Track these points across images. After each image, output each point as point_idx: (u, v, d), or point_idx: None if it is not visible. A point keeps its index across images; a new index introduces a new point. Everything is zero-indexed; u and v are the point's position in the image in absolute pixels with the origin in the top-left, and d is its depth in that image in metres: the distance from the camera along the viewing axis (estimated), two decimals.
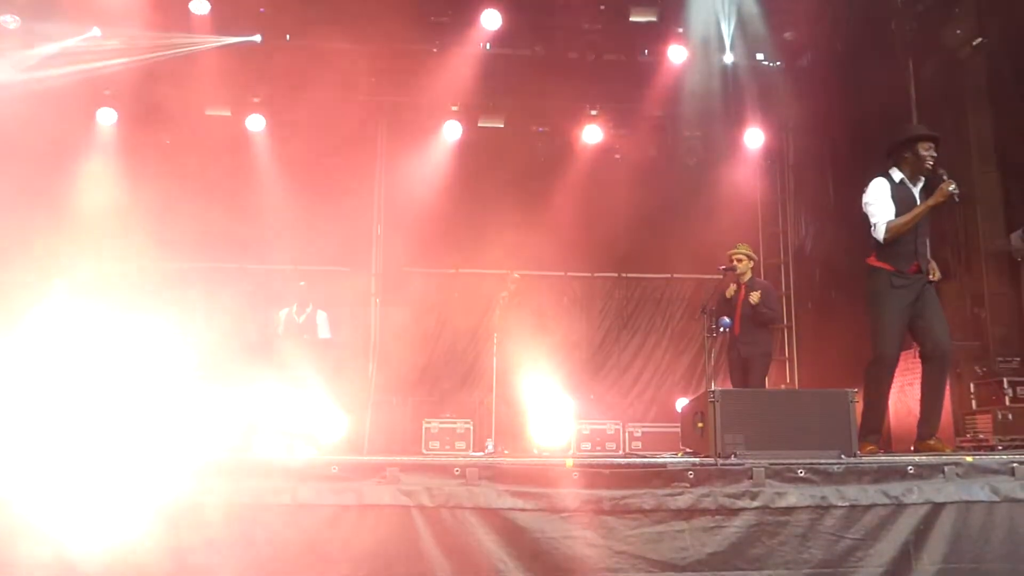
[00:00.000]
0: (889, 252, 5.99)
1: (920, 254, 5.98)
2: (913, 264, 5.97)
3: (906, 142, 6.09)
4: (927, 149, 5.99)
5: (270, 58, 10.90)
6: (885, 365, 6.02)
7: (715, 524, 4.44)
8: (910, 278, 5.96)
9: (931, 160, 5.97)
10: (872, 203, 6.00)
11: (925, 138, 6.03)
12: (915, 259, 5.97)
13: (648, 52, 11.14)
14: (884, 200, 5.98)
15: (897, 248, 5.97)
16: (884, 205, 5.96)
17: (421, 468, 4.54)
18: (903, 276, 5.95)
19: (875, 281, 6.04)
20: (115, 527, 4.30)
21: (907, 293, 5.94)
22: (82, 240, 11.07)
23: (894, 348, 6.02)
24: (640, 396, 12.22)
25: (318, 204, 11.37)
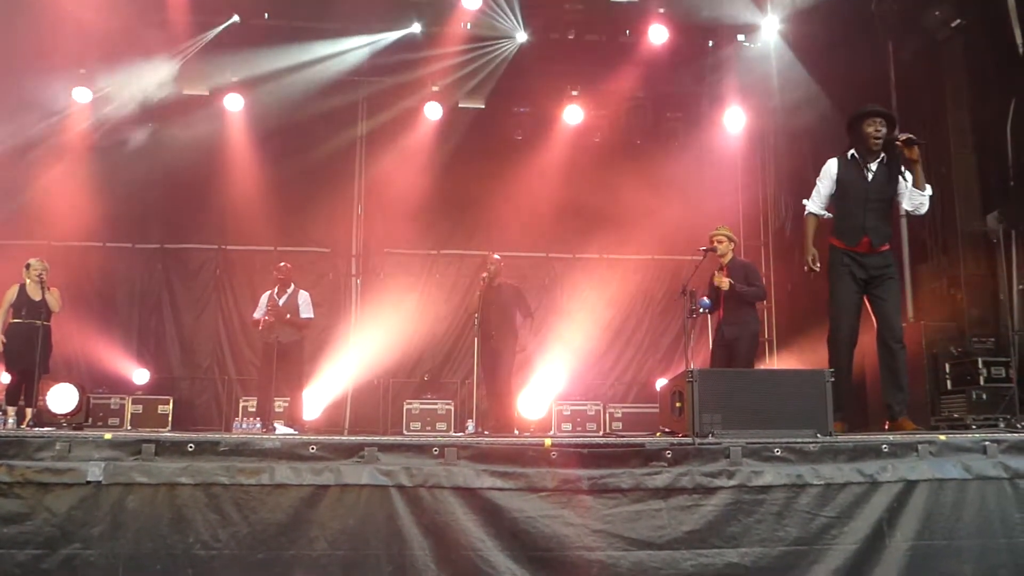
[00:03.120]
0: (839, 228, 6.13)
1: (870, 228, 5.97)
2: (862, 239, 5.98)
3: (854, 120, 6.12)
4: (871, 125, 5.98)
5: (249, 37, 10.77)
6: (838, 342, 6.11)
7: (692, 503, 4.47)
8: (861, 256, 6.00)
9: (876, 137, 5.95)
10: (817, 183, 6.22)
11: (870, 115, 6.01)
12: (863, 234, 5.98)
13: (629, 32, 11.10)
14: (823, 182, 6.21)
15: (843, 224, 6.10)
16: (821, 187, 6.23)
17: (400, 448, 4.54)
18: (851, 253, 6.02)
19: (830, 258, 6.20)
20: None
21: (858, 270, 5.99)
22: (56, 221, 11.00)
23: (845, 325, 6.10)
24: (620, 377, 12.28)
25: (298, 185, 11.32)
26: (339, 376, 11.56)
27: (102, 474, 4.35)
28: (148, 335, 12.00)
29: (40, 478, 4.33)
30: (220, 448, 4.49)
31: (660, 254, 12.27)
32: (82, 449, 4.44)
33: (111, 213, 11.52)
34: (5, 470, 4.32)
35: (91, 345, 11.40)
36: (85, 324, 11.13)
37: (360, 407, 11.67)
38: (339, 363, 11.62)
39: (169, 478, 4.38)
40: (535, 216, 11.84)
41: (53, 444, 4.43)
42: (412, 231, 12.09)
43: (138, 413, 10.78)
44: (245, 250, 11.93)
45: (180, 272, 12.18)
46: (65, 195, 10.99)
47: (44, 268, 8.73)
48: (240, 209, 11.58)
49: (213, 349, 12.05)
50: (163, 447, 4.48)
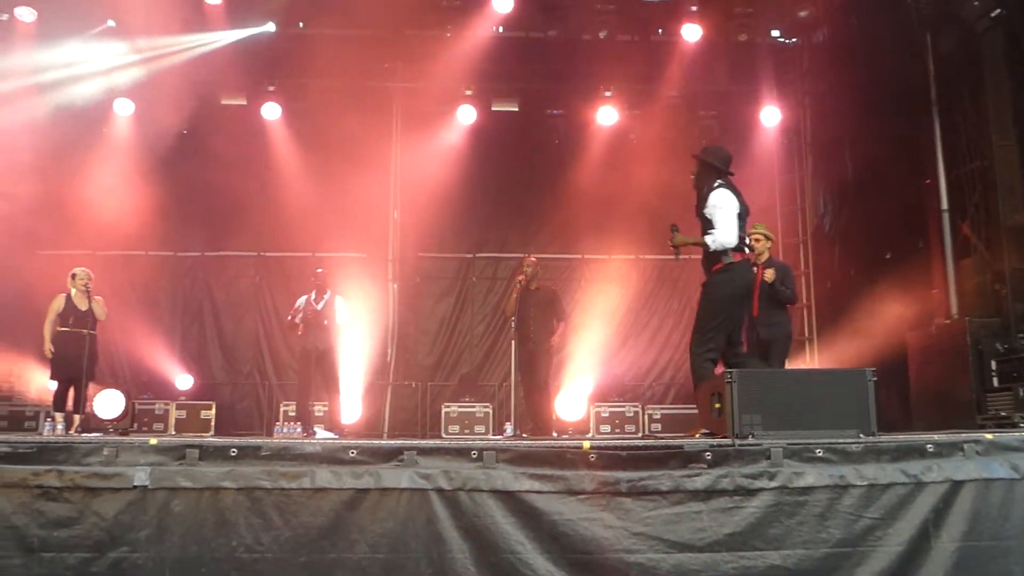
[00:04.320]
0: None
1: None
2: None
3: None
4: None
5: (284, 46, 10.91)
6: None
7: (733, 505, 4.43)
8: None
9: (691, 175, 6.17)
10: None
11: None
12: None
13: (662, 31, 11.06)
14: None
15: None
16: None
17: (439, 452, 4.57)
18: None
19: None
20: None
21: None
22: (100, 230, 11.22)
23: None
24: (659, 378, 12.22)
25: (335, 191, 11.41)
26: (377, 380, 11.65)
27: (148, 479, 4.43)
28: (191, 341, 12.20)
29: (88, 483, 4.42)
30: (262, 452, 4.55)
31: (698, 254, 12.10)
32: (129, 454, 4.52)
33: (153, 222, 11.71)
34: (55, 475, 4.41)
35: (136, 351, 11.63)
36: (130, 331, 11.35)
37: (398, 410, 11.74)
38: (377, 367, 11.71)
39: (213, 482, 4.44)
40: (570, 218, 11.84)
41: (101, 449, 4.52)
42: (447, 235, 12.16)
43: (182, 418, 10.95)
44: (283, 256, 12.07)
45: (220, 279, 12.38)
46: (108, 206, 11.19)
47: (89, 277, 8.90)
48: (278, 216, 11.72)
49: (253, 355, 12.22)
50: (207, 452, 4.54)
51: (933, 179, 9.69)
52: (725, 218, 5.79)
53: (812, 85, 11.84)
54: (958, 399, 8.39)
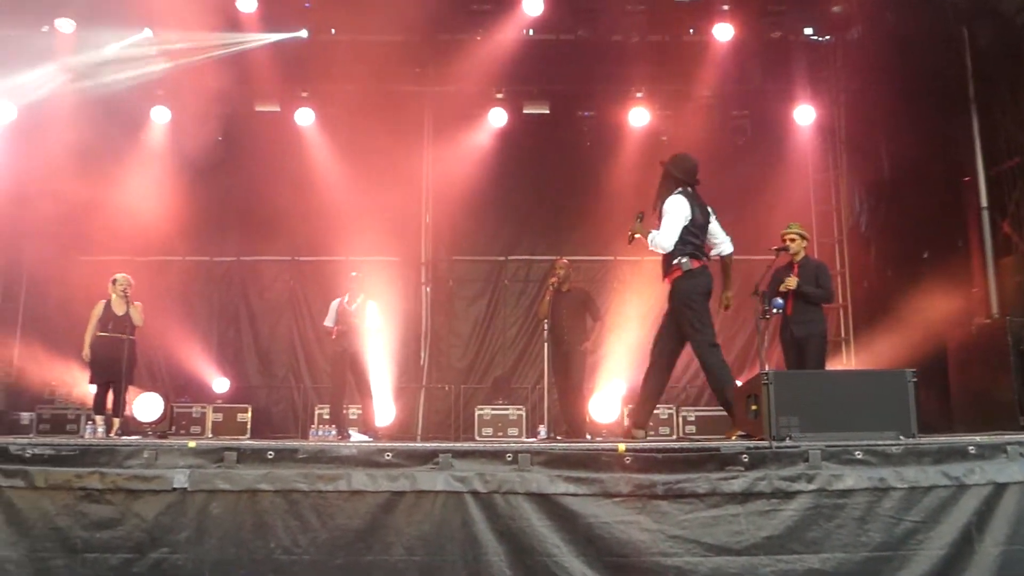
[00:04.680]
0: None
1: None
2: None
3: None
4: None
5: (317, 52, 11.02)
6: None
7: (771, 507, 4.39)
8: None
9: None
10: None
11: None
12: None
13: (694, 31, 11.00)
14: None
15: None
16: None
17: (474, 454, 4.57)
18: None
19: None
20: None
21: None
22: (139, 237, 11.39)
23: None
24: (693, 380, 12.09)
25: (367, 195, 11.45)
26: (411, 383, 11.70)
27: (187, 481, 4.49)
28: (227, 345, 12.35)
29: (129, 485, 4.50)
30: (299, 455, 4.59)
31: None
32: (168, 457, 4.59)
33: (189, 228, 11.90)
34: (97, 477, 4.49)
35: (174, 355, 11.79)
36: (168, 335, 11.50)
37: (432, 413, 11.79)
38: (410, 370, 11.76)
39: (250, 485, 4.49)
40: (602, 219, 11.76)
41: (141, 452, 4.59)
42: (480, 238, 12.19)
43: (219, 421, 11.07)
44: (317, 261, 12.15)
45: (255, 284, 12.51)
46: (146, 212, 11.36)
47: (129, 283, 9.05)
48: (312, 221, 11.81)
49: (288, 358, 12.33)
50: (244, 454, 4.60)
51: (972, 176, 9.53)
52: (669, 223, 6.09)
53: (846, 82, 11.69)
54: (999, 400, 8.22)
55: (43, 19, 10.58)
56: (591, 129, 11.90)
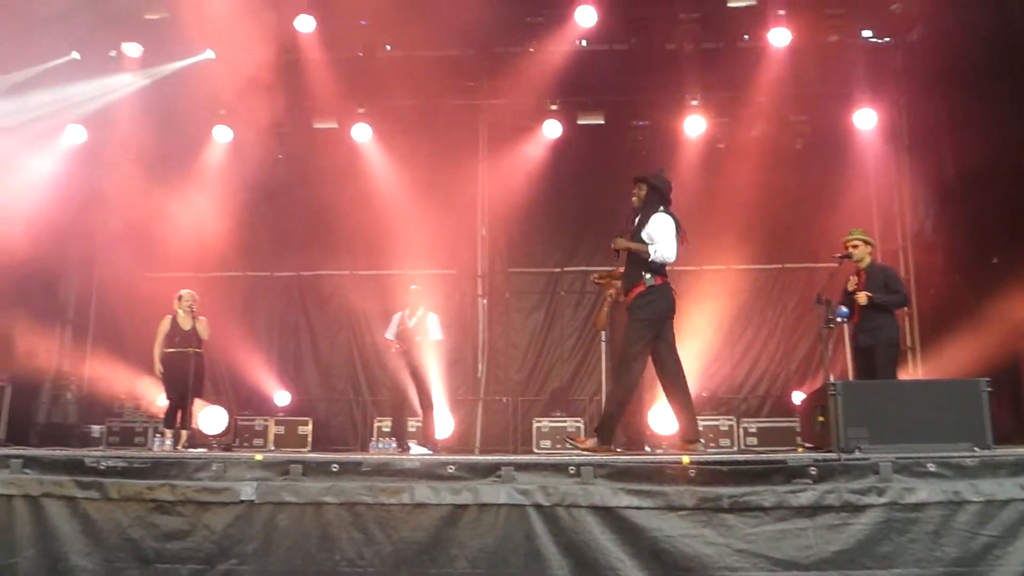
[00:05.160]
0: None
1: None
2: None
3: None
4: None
5: (373, 69, 11.16)
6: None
7: (840, 521, 4.31)
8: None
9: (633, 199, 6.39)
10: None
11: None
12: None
13: (749, 37, 10.88)
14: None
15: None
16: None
17: (536, 467, 4.57)
18: None
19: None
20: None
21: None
22: (202, 253, 11.68)
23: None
24: (753, 391, 11.94)
25: (424, 208, 11.56)
26: (468, 395, 11.74)
27: (255, 493, 4.57)
28: (288, 358, 12.54)
29: (199, 497, 4.59)
30: (363, 468, 4.64)
31: (791, 262, 11.90)
32: (236, 469, 4.67)
33: (250, 244, 12.19)
34: (168, 489, 4.60)
35: (237, 369, 12.03)
36: (230, 350, 11.75)
37: (489, 426, 11.80)
38: (468, 382, 11.80)
39: (316, 497, 4.56)
40: None
41: (210, 465, 4.69)
42: (535, 249, 12.20)
43: (280, 434, 11.24)
44: (375, 275, 12.26)
45: (315, 298, 12.70)
46: (210, 229, 11.64)
47: (194, 299, 9.26)
48: (369, 235, 11.95)
49: (348, 371, 12.47)
50: (309, 467, 4.67)
51: None
52: (666, 236, 6.05)
53: (908, 84, 11.44)
54: None
55: (111, 44, 10.92)
56: (646, 138, 11.81)
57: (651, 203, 6.25)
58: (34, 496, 4.67)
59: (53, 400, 12.01)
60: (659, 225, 6.08)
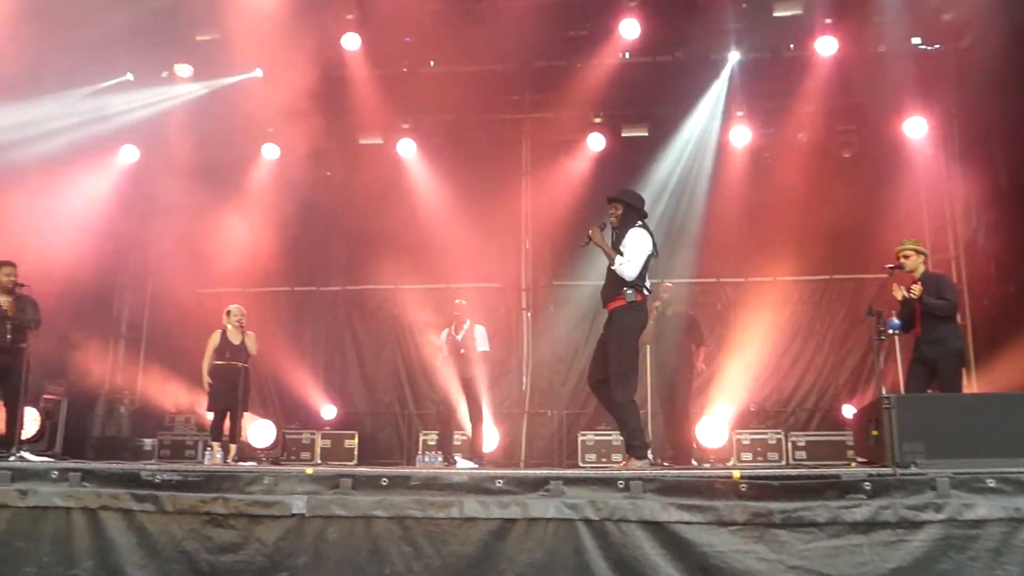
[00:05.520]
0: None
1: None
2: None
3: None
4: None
5: (417, 85, 11.28)
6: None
7: (897, 538, 4.21)
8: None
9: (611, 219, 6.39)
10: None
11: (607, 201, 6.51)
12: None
13: (794, 46, 10.78)
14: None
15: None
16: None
17: (585, 481, 4.55)
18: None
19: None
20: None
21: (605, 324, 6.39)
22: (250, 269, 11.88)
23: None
24: (802, 404, 11.77)
25: (468, 222, 11.62)
26: (513, 408, 11.73)
27: (305, 507, 4.62)
28: (334, 372, 12.67)
29: (251, 510, 4.65)
30: (412, 482, 4.66)
31: (839, 273, 11.74)
32: (287, 483, 4.72)
33: (297, 259, 12.36)
34: (221, 503, 4.66)
35: (284, 383, 12.18)
36: (278, 364, 11.91)
37: (535, 439, 11.78)
38: (513, 395, 11.80)
39: (366, 511, 4.58)
40: (703, 241, 11.63)
41: (261, 478, 4.75)
42: (580, 262, 12.13)
43: (327, 447, 11.33)
44: (420, 288, 12.34)
45: (360, 312, 12.82)
46: (257, 245, 11.85)
47: (242, 313, 9.40)
48: (414, 249, 12.04)
49: (393, 385, 12.54)
50: (359, 481, 4.70)
51: None
52: (636, 255, 6.09)
53: (959, 92, 11.22)
54: None
55: (164, 65, 11.19)
56: (690, 149, 11.75)
57: (628, 220, 6.32)
58: (92, 509, 4.76)
59: (107, 414, 12.28)
60: (633, 240, 6.16)
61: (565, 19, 10.61)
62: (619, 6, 10.41)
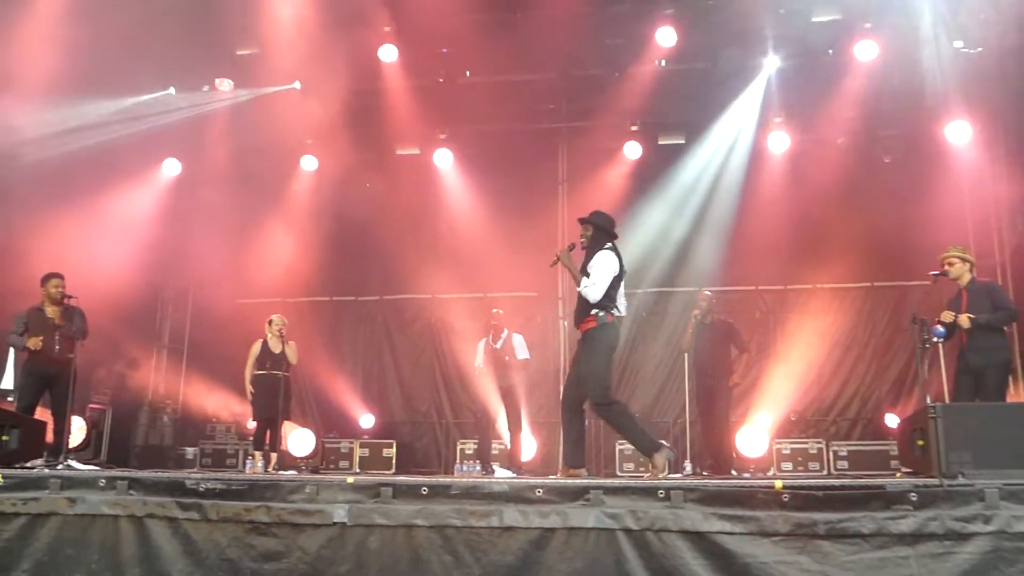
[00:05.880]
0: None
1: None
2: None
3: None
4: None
5: (453, 95, 11.34)
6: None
7: (944, 550, 4.14)
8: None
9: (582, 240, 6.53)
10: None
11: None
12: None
13: (833, 51, 10.66)
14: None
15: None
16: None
17: (625, 491, 4.53)
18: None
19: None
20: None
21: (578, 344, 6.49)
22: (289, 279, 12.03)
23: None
24: (843, 413, 11.61)
25: (504, 231, 11.65)
26: (550, 417, 11.70)
27: (347, 515, 4.65)
28: (372, 382, 12.76)
29: (293, 519, 4.70)
30: (452, 491, 4.68)
31: (881, 281, 11.57)
32: (328, 492, 4.76)
33: (335, 269, 12.49)
34: (264, 511, 4.71)
35: (322, 392, 12.30)
36: (317, 373, 12.05)
37: None
38: (550, 404, 11.77)
39: (406, 520, 4.61)
40: (741, 248, 11.53)
41: (303, 487, 4.79)
42: None
43: (365, 456, 11.40)
44: (457, 298, 12.39)
45: (398, 321, 12.91)
46: (296, 256, 12.00)
47: (283, 323, 9.52)
48: (451, 258, 12.11)
49: (431, 394, 12.59)
50: (400, 490, 4.72)
51: None
52: (601, 277, 6.22)
53: (1004, 94, 11.01)
54: None
55: (205, 79, 11.38)
56: (728, 156, 11.67)
57: (597, 242, 6.45)
58: (139, 516, 4.85)
59: (150, 422, 12.47)
60: (599, 263, 6.28)
61: (601, 28, 10.58)
62: (655, 14, 10.37)
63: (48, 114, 9.72)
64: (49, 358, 7.76)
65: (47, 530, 4.91)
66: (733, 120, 11.45)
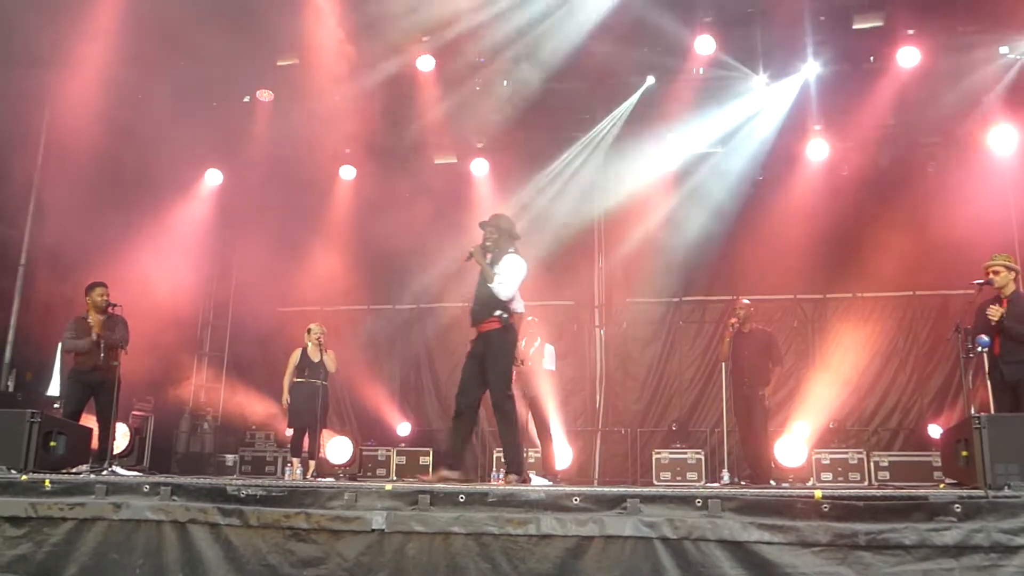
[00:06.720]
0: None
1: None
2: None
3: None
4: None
5: (490, 104, 11.39)
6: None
7: (990, 563, 4.06)
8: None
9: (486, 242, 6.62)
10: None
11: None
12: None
13: (874, 59, 10.55)
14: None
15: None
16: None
17: (662, 499, 4.51)
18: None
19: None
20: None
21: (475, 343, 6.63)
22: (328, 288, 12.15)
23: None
24: (884, 423, 11.44)
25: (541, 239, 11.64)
26: (587, 425, 11.69)
27: (384, 522, 4.68)
28: (408, 389, 12.83)
29: (332, 525, 4.74)
30: (489, 499, 4.69)
31: (923, 289, 11.39)
32: (367, 499, 4.80)
33: (373, 278, 12.60)
34: (303, 517, 4.76)
35: (359, 400, 12.40)
36: (355, 381, 12.15)
37: (608, 457, 11.71)
38: (587, 413, 11.75)
39: (443, 527, 4.62)
40: (780, 257, 11.41)
41: (342, 494, 4.83)
42: (653, 279, 12.07)
43: (402, 464, 11.44)
44: None
45: (435, 329, 12.95)
46: (335, 265, 12.12)
47: (322, 332, 9.62)
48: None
49: None
50: (437, 497, 4.74)
51: None
52: (512, 278, 6.44)
53: None
54: None
55: (246, 90, 11.57)
56: (767, 164, 11.58)
57: (502, 245, 6.62)
58: (181, 522, 4.92)
59: (191, 430, 12.65)
60: (509, 265, 6.48)
61: (638, 36, 10.59)
62: (694, 22, 10.35)
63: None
64: (94, 366, 7.91)
65: (93, 535, 5.01)
66: (772, 128, 11.36)
